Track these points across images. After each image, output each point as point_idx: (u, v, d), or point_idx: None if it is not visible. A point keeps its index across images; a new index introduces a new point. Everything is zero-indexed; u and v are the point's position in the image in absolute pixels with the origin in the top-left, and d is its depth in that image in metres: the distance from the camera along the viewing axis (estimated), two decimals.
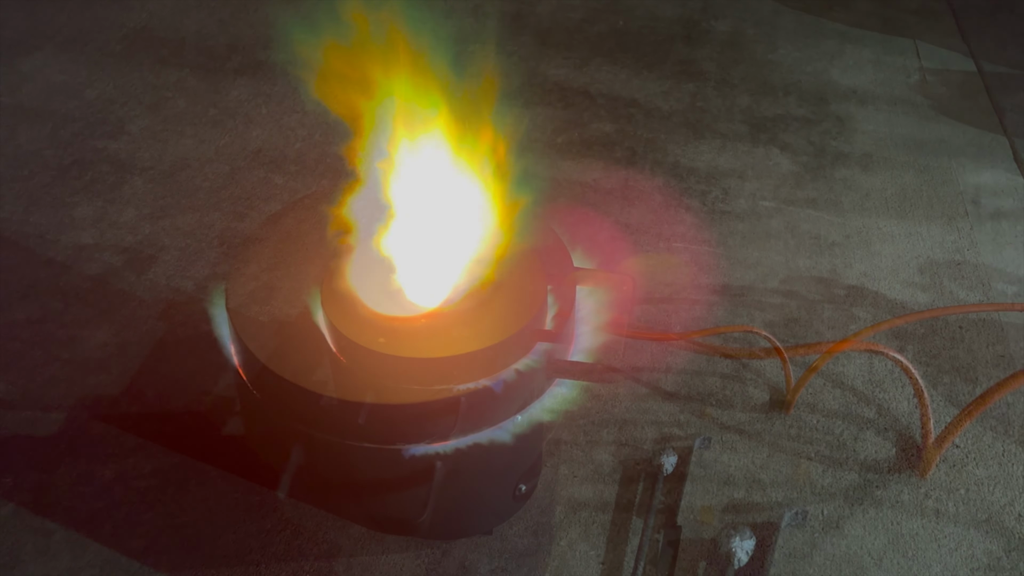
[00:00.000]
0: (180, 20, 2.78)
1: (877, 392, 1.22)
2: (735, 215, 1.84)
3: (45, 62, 2.50)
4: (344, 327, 0.81)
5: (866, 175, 1.99)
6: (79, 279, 1.66)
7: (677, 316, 1.58)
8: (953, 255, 1.74)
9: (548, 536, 1.19)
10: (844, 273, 1.68)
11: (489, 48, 0.87)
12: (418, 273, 1.04)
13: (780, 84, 2.36)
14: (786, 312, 1.59)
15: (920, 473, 1.09)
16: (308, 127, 2.18)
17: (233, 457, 1.30)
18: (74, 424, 1.36)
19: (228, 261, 1.50)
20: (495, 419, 0.78)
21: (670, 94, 1.74)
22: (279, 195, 1.91)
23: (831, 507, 1.05)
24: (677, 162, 1.83)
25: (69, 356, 1.48)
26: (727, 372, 1.46)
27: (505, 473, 0.85)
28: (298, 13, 1.16)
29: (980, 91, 2.37)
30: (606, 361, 1.38)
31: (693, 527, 1.20)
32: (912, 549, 1.01)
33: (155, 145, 2.11)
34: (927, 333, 1.54)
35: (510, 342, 0.98)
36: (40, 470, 1.28)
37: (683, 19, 1.99)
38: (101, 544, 1.18)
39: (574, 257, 1.06)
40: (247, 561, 1.16)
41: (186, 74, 2.44)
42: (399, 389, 0.74)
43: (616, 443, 1.33)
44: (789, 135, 2.14)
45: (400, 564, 1.15)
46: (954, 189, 1.94)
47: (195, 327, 1.54)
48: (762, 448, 1.32)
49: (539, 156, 1.95)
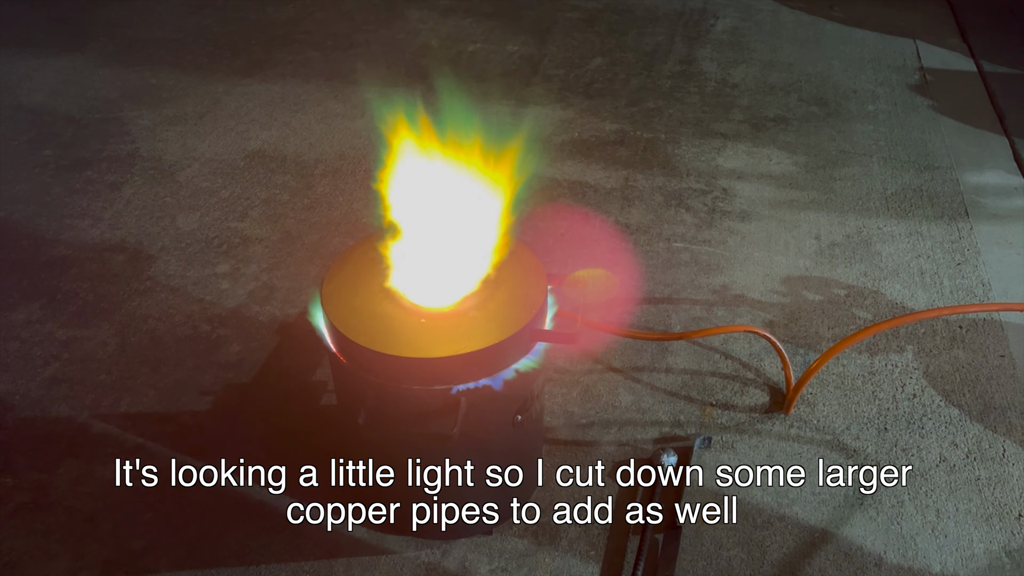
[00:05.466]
0: (182, 21, 2.78)
1: (755, 362, 1.49)
2: (736, 214, 1.85)
3: (45, 62, 2.50)
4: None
5: (866, 176, 1.99)
6: (79, 279, 1.66)
7: (677, 316, 1.58)
8: (953, 255, 1.73)
9: (548, 536, 1.19)
10: (844, 273, 1.68)
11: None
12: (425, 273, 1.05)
13: (741, 105, 2.35)
14: (786, 312, 1.59)
15: (785, 411, 1.39)
16: (308, 127, 2.18)
17: (233, 457, 1.30)
18: (74, 424, 1.36)
19: (321, 267, 1.68)
20: (499, 369, 1.02)
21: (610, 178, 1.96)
22: (279, 195, 1.91)
23: (727, 436, 1.36)
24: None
25: (69, 356, 1.49)
26: (727, 372, 1.46)
27: (506, 406, 1.07)
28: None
29: (980, 91, 2.37)
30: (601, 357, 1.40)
31: (693, 527, 1.20)
32: (782, 461, 1.32)
33: (155, 145, 2.11)
34: (927, 333, 1.54)
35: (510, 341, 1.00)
36: (40, 470, 1.28)
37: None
38: (101, 544, 1.18)
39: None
40: (247, 561, 1.16)
41: (187, 74, 2.44)
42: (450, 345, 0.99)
43: (616, 443, 1.33)
44: (789, 135, 2.14)
45: (400, 564, 1.15)
46: (954, 189, 1.94)
47: (195, 327, 1.54)
48: (762, 448, 1.32)
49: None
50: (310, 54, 2.56)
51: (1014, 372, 1.46)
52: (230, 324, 1.55)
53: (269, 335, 1.53)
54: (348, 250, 1.12)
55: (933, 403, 1.40)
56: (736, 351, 1.49)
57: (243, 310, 1.59)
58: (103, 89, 2.36)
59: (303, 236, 1.79)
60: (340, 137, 2.13)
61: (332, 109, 2.25)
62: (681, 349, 1.50)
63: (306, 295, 1.62)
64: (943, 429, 1.35)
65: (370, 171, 1.99)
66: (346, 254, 1.11)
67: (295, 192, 1.93)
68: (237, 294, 1.63)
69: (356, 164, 2.02)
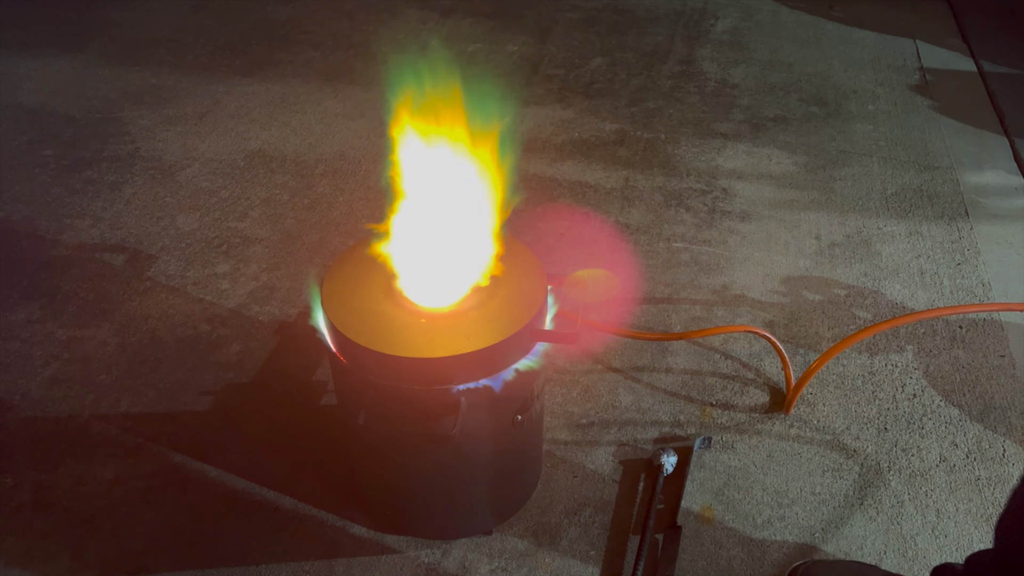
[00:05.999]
0: (182, 21, 2.78)
1: (755, 362, 1.48)
2: (735, 214, 1.85)
3: (45, 62, 2.50)
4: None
5: (866, 176, 1.99)
6: (79, 279, 1.66)
7: (677, 316, 1.58)
8: (953, 255, 1.73)
9: (548, 536, 1.19)
10: (844, 273, 1.68)
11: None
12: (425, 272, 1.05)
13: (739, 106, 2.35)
14: (786, 312, 1.59)
15: (785, 411, 1.39)
16: (308, 127, 2.18)
17: (233, 457, 1.30)
18: (74, 424, 1.36)
19: (319, 267, 1.72)
20: (499, 369, 1.02)
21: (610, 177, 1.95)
22: (279, 195, 1.91)
23: (727, 435, 1.35)
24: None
25: (69, 356, 1.49)
26: (727, 372, 1.46)
27: (506, 406, 1.07)
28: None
29: (980, 91, 2.37)
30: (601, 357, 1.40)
31: (693, 527, 1.20)
32: (782, 461, 1.31)
33: (155, 145, 2.11)
34: (927, 333, 1.54)
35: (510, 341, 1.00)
36: (40, 470, 1.28)
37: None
38: (101, 544, 1.18)
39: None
40: (247, 561, 1.16)
41: (187, 74, 2.44)
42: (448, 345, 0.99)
43: (616, 443, 1.33)
44: (789, 135, 2.14)
45: (400, 564, 1.15)
46: (954, 189, 1.94)
47: (195, 327, 1.54)
48: (762, 448, 1.32)
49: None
50: (310, 54, 2.56)
51: (1014, 372, 1.46)
52: (230, 324, 1.55)
53: (269, 335, 1.53)
54: (348, 250, 1.12)
55: (933, 403, 1.40)
56: (736, 351, 1.49)
57: (243, 310, 1.59)
58: (103, 89, 2.36)
59: (303, 236, 1.79)
60: (340, 137, 2.13)
61: (332, 109, 2.25)
62: (681, 349, 1.50)
63: (306, 295, 1.62)
64: (943, 429, 1.35)
65: (370, 171, 1.99)
66: (346, 254, 1.11)
67: (295, 192, 1.93)
68: (237, 294, 1.63)
69: (356, 164, 2.02)
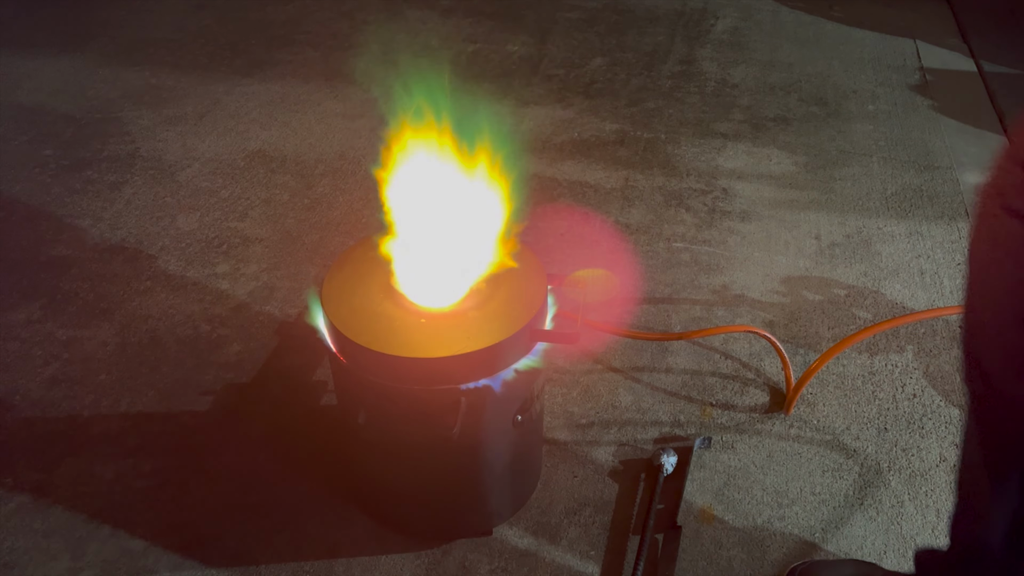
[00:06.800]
0: (182, 21, 2.78)
1: (755, 362, 1.49)
2: (735, 214, 1.85)
3: (45, 62, 2.50)
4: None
5: (866, 176, 1.99)
6: (79, 279, 1.66)
7: (677, 316, 1.58)
8: (953, 255, 1.73)
9: (548, 536, 1.19)
10: (844, 273, 1.68)
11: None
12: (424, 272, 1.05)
13: (737, 107, 2.35)
14: (786, 312, 1.59)
15: (785, 411, 1.39)
16: (308, 127, 2.18)
17: (233, 457, 1.30)
18: (74, 424, 1.36)
19: (320, 268, 1.71)
20: (499, 369, 1.02)
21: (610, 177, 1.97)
22: (279, 195, 1.91)
23: (727, 435, 1.35)
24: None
25: (69, 356, 1.49)
26: (727, 372, 1.46)
27: (506, 406, 1.07)
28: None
29: (980, 91, 2.37)
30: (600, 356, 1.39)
31: (693, 527, 1.20)
32: (782, 461, 1.31)
33: (155, 145, 2.11)
34: (927, 333, 1.54)
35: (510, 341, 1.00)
36: (40, 470, 1.28)
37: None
38: (101, 544, 1.18)
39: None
40: (247, 561, 1.16)
41: (187, 74, 2.44)
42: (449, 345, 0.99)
43: (616, 443, 1.33)
44: (789, 135, 2.14)
45: (400, 564, 1.15)
46: (954, 189, 1.94)
47: (195, 327, 1.54)
48: (762, 448, 1.32)
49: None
50: (310, 54, 2.56)
51: None
52: (230, 324, 1.55)
53: (269, 335, 1.53)
54: (348, 250, 1.12)
55: (933, 403, 1.40)
56: (736, 351, 1.49)
57: (243, 310, 1.59)
58: (103, 89, 2.36)
59: (303, 236, 1.79)
60: (340, 137, 2.13)
61: (332, 109, 2.25)
62: (681, 349, 1.50)
63: (306, 295, 1.62)
64: (943, 429, 1.35)
65: (370, 171, 1.99)
66: (346, 254, 1.11)
67: (295, 192, 1.93)
68: (237, 294, 1.63)
69: (356, 164, 2.02)
